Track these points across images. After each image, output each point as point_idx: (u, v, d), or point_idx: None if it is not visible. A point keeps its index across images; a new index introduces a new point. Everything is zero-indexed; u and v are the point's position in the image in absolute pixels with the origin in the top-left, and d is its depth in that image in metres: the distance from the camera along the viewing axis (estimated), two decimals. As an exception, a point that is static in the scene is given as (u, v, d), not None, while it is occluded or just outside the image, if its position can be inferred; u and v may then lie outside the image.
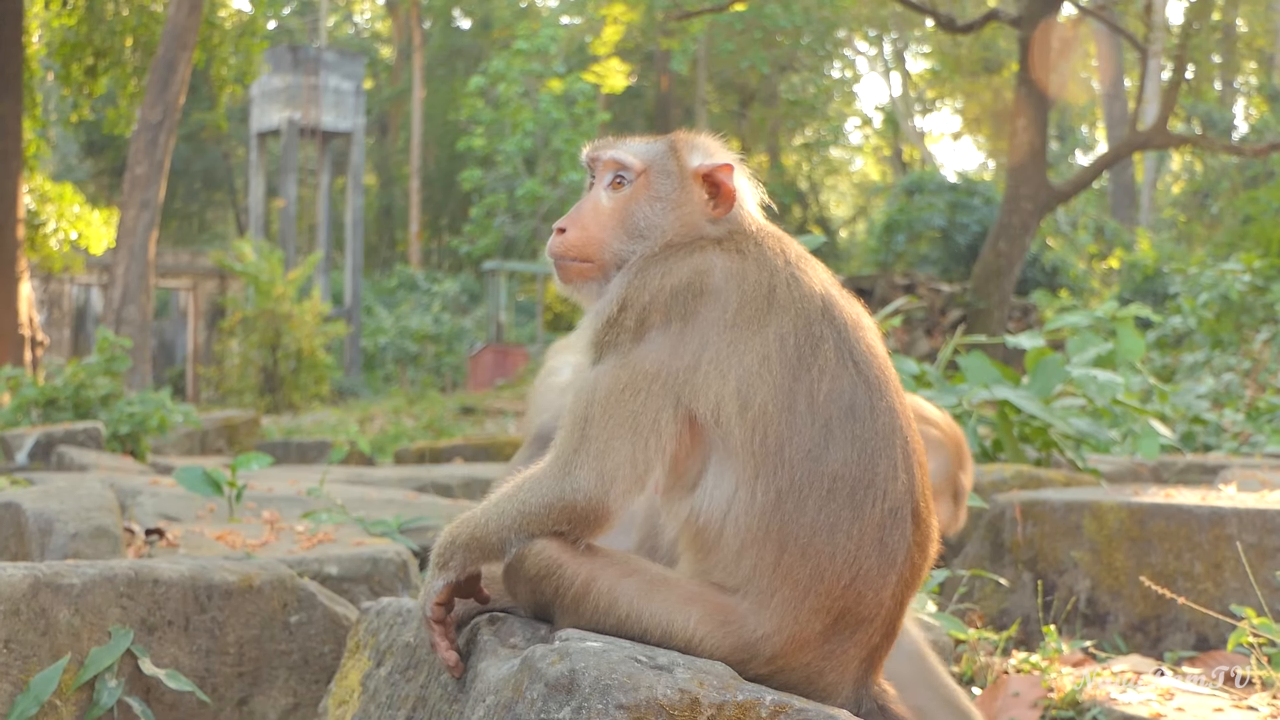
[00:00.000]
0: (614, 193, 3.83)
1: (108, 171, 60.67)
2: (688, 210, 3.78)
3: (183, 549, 6.89)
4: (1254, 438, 17.54)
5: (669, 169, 3.83)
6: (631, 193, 3.81)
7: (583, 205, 3.86)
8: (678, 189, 3.80)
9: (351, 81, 50.57)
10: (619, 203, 3.81)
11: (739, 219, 3.80)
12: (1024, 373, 10.31)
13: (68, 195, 26.51)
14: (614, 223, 3.79)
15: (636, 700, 3.12)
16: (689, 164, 3.83)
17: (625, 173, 3.83)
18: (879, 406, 3.52)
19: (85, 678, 4.84)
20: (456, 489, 11.99)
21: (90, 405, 17.87)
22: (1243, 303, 29.36)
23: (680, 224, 3.76)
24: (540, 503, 3.54)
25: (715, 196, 3.80)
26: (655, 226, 3.77)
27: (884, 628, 3.55)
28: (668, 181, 3.81)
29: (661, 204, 3.79)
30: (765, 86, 64.67)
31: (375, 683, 4.18)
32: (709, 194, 3.80)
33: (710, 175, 3.81)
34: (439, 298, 55.66)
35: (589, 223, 3.81)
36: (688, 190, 3.80)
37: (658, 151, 3.87)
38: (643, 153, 3.86)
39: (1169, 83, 34.24)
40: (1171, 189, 69.02)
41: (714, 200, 3.79)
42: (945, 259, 43.81)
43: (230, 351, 43.59)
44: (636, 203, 3.80)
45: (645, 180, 3.82)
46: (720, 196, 3.79)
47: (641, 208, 3.79)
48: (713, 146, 3.90)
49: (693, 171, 3.82)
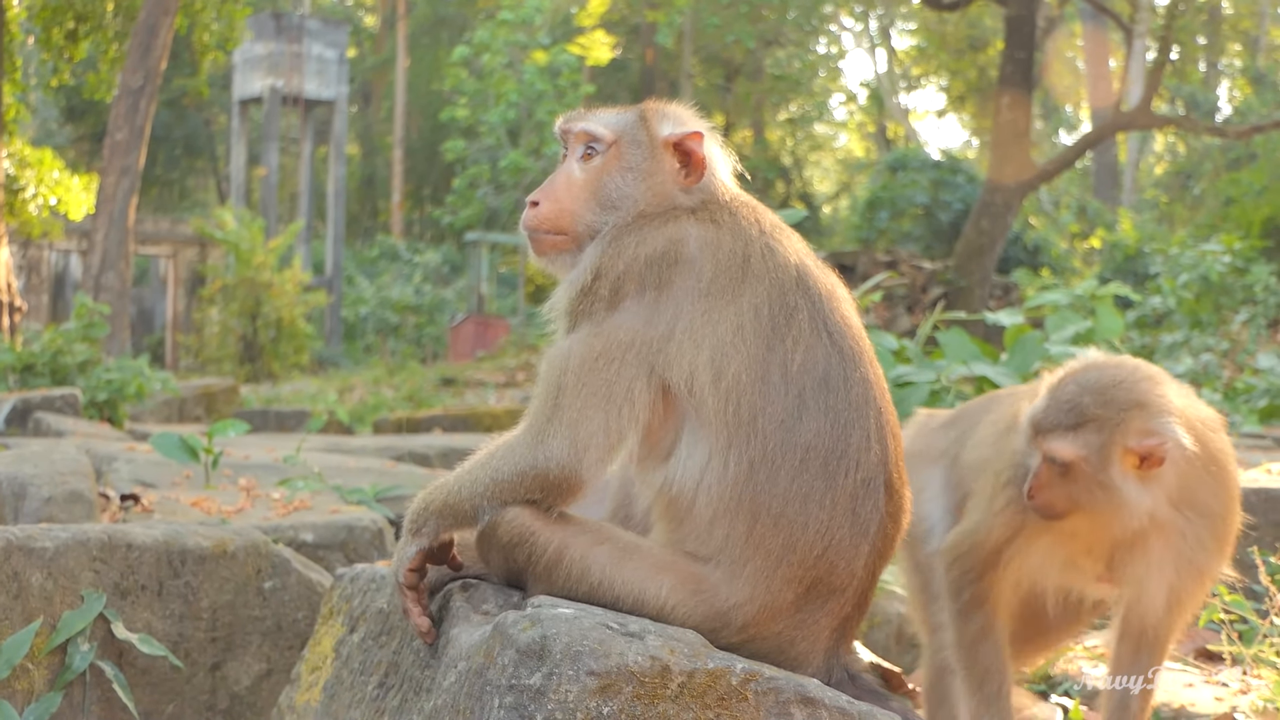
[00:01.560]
0: (586, 164, 3.82)
1: (88, 137, 60.38)
2: (659, 180, 3.78)
3: (158, 514, 6.89)
4: (1231, 418, 17.56)
5: (639, 139, 3.82)
6: (603, 164, 3.80)
7: (555, 178, 3.86)
8: (648, 158, 3.79)
9: (335, 50, 50.40)
10: (591, 174, 3.81)
11: (712, 188, 3.79)
12: (1003, 350, 10.32)
13: (47, 160, 26.36)
14: (586, 194, 3.79)
15: (607, 667, 3.12)
16: (659, 133, 3.82)
17: (596, 144, 3.83)
18: (853, 377, 3.52)
19: (57, 641, 4.84)
20: (435, 459, 12.00)
21: (68, 371, 17.81)
22: (1222, 284, 29.40)
23: (652, 194, 3.76)
24: (513, 471, 3.53)
25: (686, 165, 3.78)
26: (627, 197, 3.76)
27: (856, 598, 3.56)
28: (638, 151, 3.81)
29: (633, 174, 3.78)
30: (750, 61, 64.53)
31: (348, 648, 4.18)
32: (680, 163, 3.79)
33: (681, 144, 3.79)
34: (420, 268, 55.53)
35: (561, 195, 3.81)
36: (658, 159, 3.79)
37: (628, 122, 3.86)
38: (613, 123, 3.85)
39: (1154, 63, 34.26)
40: (1154, 170, 69.09)
41: (685, 169, 3.78)
42: (928, 236, 43.80)
43: (210, 320, 43.46)
44: (608, 173, 3.79)
45: (616, 151, 3.81)
46: (691, 165, 3.78)
47: (613, 178, 3.78)
48: (684, 115, 3.89)
49: (663, 140, 3.81)
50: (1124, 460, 3.99)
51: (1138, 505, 4.03)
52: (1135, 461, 3.99)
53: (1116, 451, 3.99)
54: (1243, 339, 26.58)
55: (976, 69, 62.13)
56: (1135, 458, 3.98)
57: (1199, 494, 4.13)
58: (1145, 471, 4.00)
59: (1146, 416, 3.99)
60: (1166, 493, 4.07)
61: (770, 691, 3.21)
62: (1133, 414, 3.99)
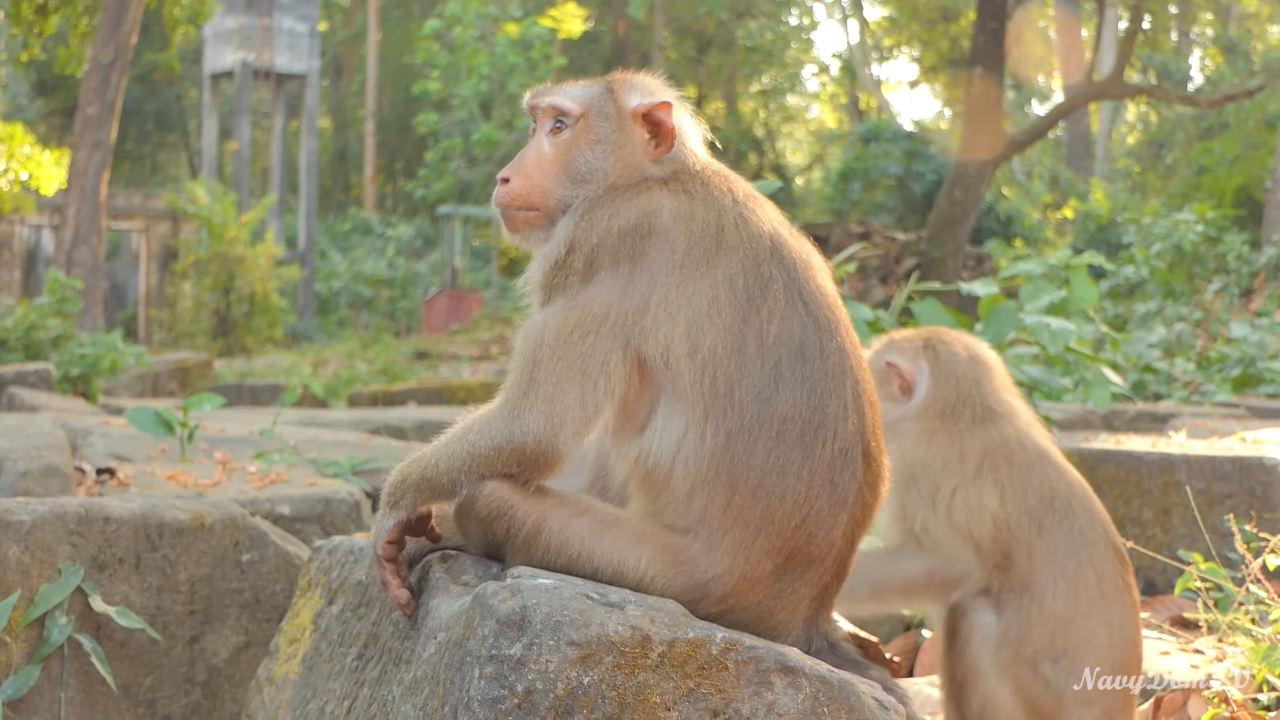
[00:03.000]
0: (555, 138, 3.81)
1: (59, 112, 60.19)
2: (629, 151, 3.76)
3: (134, 488, 6.88)
4: (1204, 387, 17.64)
5: (607, 111, 3.81)
6: (572, 137, 3.79)
7: (525, 153, 3.84)
8: (617, 130, 3.78)
9: (306, 23, 50.24)
10: (560, 148, 3.79)
11: (683, 158, 3.78)
12: (977, 320, 10.33)
13: (18, 135, 26.25)
14: (556, 169, 3.78)
15: (588, 637, 3.13)
16: (627, 104, 3.80)
17: (564, 118, 3.81)
18: (829, 347, 3.53)
19: (35, 615, 4.84)
20: (410, 432, 11.99)
21: (41, 346, 17.79)
22: (1195, 253, 29.51)
23: (622, 165, 3.75)
24: (489, 445, 3.53)
25: (656, 135, 3.77)
26: (597, 170, 3.75)
27: (835, 567, 3.56)
28: (606, 124, 3.79)
29: (602, 146, 3.77)
30: (723, 32, 64.51)
31: (327, 621, 4.19)
32: (650, 133, 3.77)
33: (649, 114, 3.78)
34: (393, 242, 55.47)
35: (532, 170, 3.80)
36: (627, 131, 3.78)
37: (595, 94, 3.84)
38: (580, 96, 3.84)
39: (1125, 33, 34.36)
40: (1126, 139, 69.22)
41: (655, 139, 3.77)
42: (901, 207, 43.91)
43: (183, 294, 43.40)
44: (577, 147, 3.78)
45: (584, 124, 3.80)
46: (661, 135, 3.77)
47: (582, 152, 3.77)
48: (652, 85, 3.88)
49: (631, 111, 3.79)
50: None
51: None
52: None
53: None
54: (1216, 308, 26.70)
55: (949, 40, 62.16)
56: None
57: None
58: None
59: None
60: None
61: (750, 660, 3.22)
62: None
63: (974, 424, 4.36)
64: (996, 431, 4.34)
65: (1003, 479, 4.26)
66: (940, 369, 4.44)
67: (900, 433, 4.42)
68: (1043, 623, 4.16)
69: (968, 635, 4.23)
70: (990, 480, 4.28)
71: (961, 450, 4.30)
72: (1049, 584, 4.18)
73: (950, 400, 4.40)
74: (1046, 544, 4.21)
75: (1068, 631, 4.17)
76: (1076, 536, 4.23)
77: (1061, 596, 4.17)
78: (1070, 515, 4.24)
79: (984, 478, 4.28)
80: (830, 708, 3.24)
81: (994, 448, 4.30)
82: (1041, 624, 4.16)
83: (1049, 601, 4.17)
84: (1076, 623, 4.17)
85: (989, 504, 4.25)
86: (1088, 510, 4.28)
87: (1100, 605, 4.21)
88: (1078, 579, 4.19)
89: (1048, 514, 4.23)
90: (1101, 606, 4.21)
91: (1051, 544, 4.21)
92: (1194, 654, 5.53)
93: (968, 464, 4.29)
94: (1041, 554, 4.19)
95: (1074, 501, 4.27)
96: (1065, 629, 4.17)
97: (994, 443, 4.31)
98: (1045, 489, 4.26)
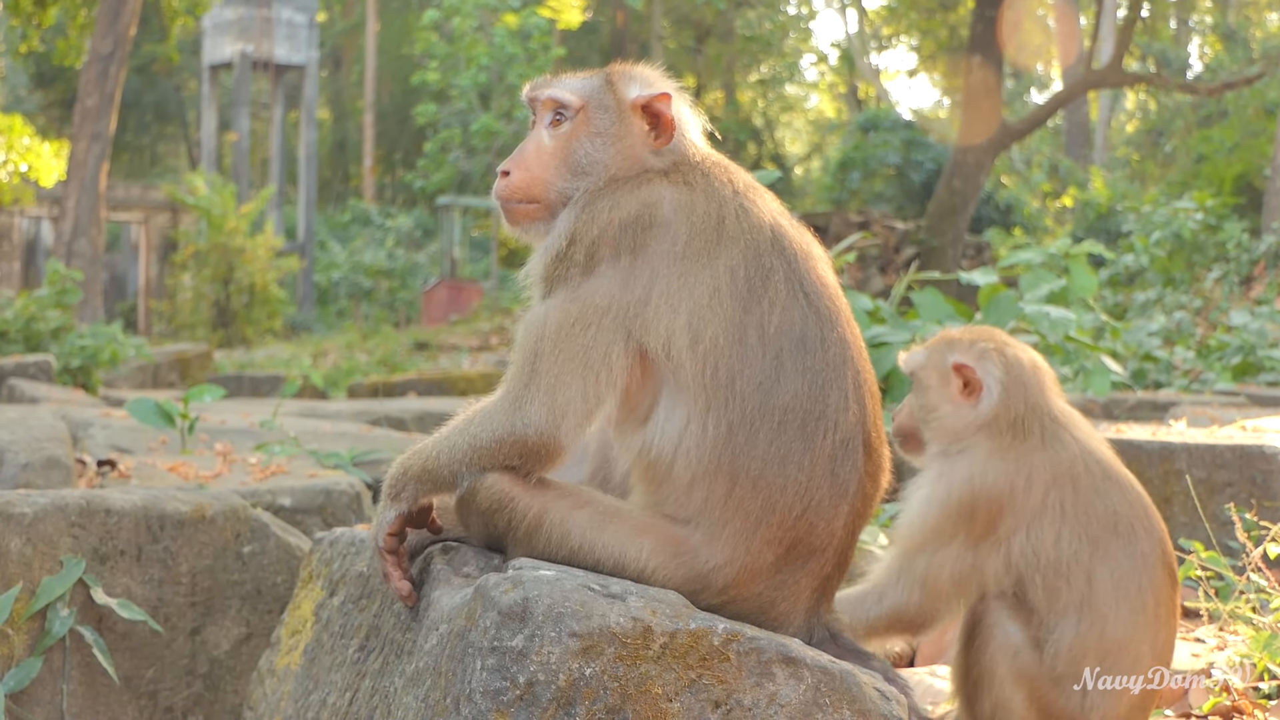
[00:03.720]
0: (555, 131, 3.80)
1: (58, 104, 60.16)
2: (629, 143, 3.76)
3: (135, 480, 6.88)
4: (1204, 375, 17.65)
5: (606, 103, 3.80)
6: (571, 130, 3.78)
7: (525, 146, 3.84)
8: (616, 122, 3.77)
9: (305, 14, 50.22)
10: (560, 141, 3.79)
11: (683, 149, 3.77)
12: (977, 309, 10.32)
13: (17, 127, 26.26)
14: (556, 161, 3.77)
15: (589, 628, 3.13)
16: (626, 96, 3.80)
17: (564, 110, 3.80)
18: (830, 338, 3.53)
19: (37, 607, 4.84)
20: (410, 423, 12.00)
21: (41, 338, 17.80)
22: (1195, 241, 29.49)
23: (623, 158, 3.74)
24: (491, 438, 3.53)
25: (656, 127, 3.76)
26: (597, 162, 3.74)
27: (836, 558, 3.57)
28: (606, 116, 3.79)
29: (602, 139, 3.76)
30: (721, 22, 64.44)
31: (328, 612, 4.19)
32: (649, 125, 3.77)
33: (649, 105, 3.77)
34: (393, 233, 55.47)
35: (532, 163, 3.79)
36: (627, 123, 3.77)
37: (594, 86, 3.83)
38: (579, 89, 3.83)
39: (1124, 21, 34.30)
40: (1125, 128, 69.18)
41: (655, 131, 3.76)
42: (900, 196, 43.87)
43: (182, 285, 43.42)
44: (577, 139, 3.77)
45: (584, 116, 3.79)
46: (661, 127, 3.76)
47: (582, 144, 3.77)
48: (651, 77, 3.86)
49: (630, 103, 3.78)
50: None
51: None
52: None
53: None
54: (1215, 296, 26.70)
55: (947, 28, 62.09)
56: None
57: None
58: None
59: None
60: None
61: (752, 651, 3.22)
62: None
63: (1043, 442, 4.27)
64: (1064, 451, 4.26)
65: (1067, 506, 4.19)
66: (1011, 375, 4.33)
67: (970, 446, 4.30)
68: (1099, 646, 4.12)
69: (987, 637, 4.19)
70: (1053, 513, 4.20)
71: (1029, 474, 4.21)
72: (1111, 608, 4.12)
73: (1020, 410, 4.30)
74: (1110, 569, 4.14)
75: (1120, 654, 4.14)
76: (1139, 561, 4.17)
77: (1123, 622, 4.13)
78: (1134, 539, 4.18)
79: (1045, 513, 4.20)
80: (832, 698, 3.24)
81: (1061, 472, 4.21)
82: (1098, 647, 4.12)
83: (1111, 627, 4.12)
84: (1130, 647, 4.14)
85: (1045, 545, 4.18)
86: (1149, 531, 4.22)
87: (1152, 629, 4.18)
88: (1139, 604, 4.15)
89: (1112, 539, 4.17)
90: (1153, 630, 4.18)
91: (1116, 569, 4.14)
92: (1195, 643, 5.53)
93: (1034, 492, 4.20)
94: (1104, 579, 4.13)
95: (1136, 524, 4.21)
96: (1119, 652, 4.14)
97: (1061, 466, 4.22)
98: (1109, 514, 4.19)
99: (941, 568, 4.19)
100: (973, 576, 4.20)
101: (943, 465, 4.27)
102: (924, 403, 4.34)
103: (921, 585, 4.21)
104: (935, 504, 4.20)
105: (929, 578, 4.21)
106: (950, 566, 4.19)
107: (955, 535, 4.19)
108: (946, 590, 4.20)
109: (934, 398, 4.34)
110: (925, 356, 4.40)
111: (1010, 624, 4.18)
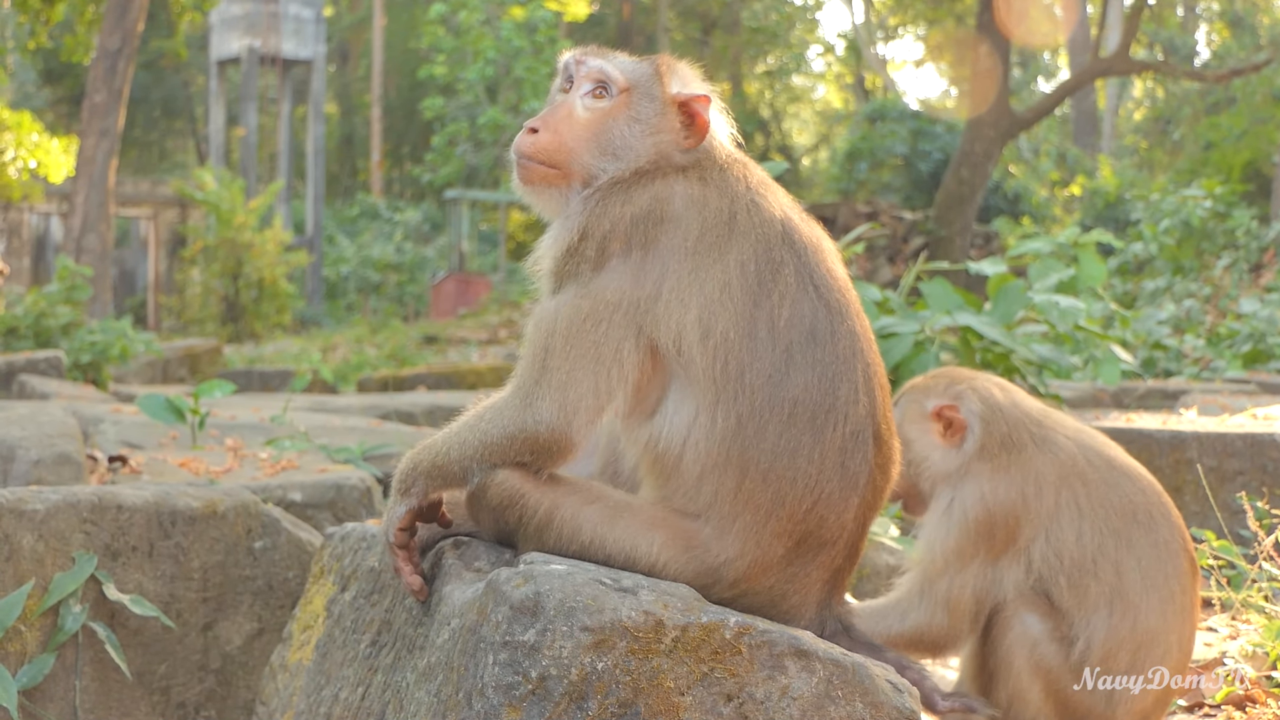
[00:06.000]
0: (594, 103, 3.75)
1: (66, 99, 60.17)
2: (663, 137, 3.72)
3: (146, 476, 6.89)
4: (1214, 363, 17.65)
5: (653, 92, 3.76)
6: (611, 108, 3.74)
7: (558, 110, 3.78)
8: (659, 114, 3.74)
9: (312, 9, 50.21)
10: (597, 115, 3.74)
11: (709, 150, 3.74)
12: (986, 299, 10.32)
13: (26, 123, 26.25)
14: (589, 134, 3.72)
15: (601, 622, 3.13)
16: (669, 90, 3.77)
17: (608, 86, 3.75)
18: (839, 330, 3.52)
19: (49, 603, 4.84)
20: (420, 417, 12.00)
21: (51, 334, 17.83)
22: (1204, 229, 29.46)
23: (654, 149, 3.70)
24: (502, 434, 3.52)
25: (689, 127, 3.73)
26: (630, 148, 3.70)
27: (846, 550, 3.56)
28: (650, 105, 3.75)
29: (640, 126, 3.72)
30: (727, 14, 64.43)
31: (340, 607, 4.19)
32: (683, 123, 3.74)
33: (688, 104, 3.73)
34: (401, 227, 55.47)
35: (563, 129, 3.73)
36: (666, 116, 3.73)
37: (644, 73, 3.79)
38: (629, 70, 3.79)
39: (1131, 8, 34.23)
40: (1133, 115, 69.09)
41: (687, 131, 3.73)
42: (907, 187, 43.84)
43: (191, 280, 43.47)
44: (615, 119, 3.73)
45: (627, 99, 3.75)
46: (694, 127, 3.72)
47: (619, 125, 3.72)
48: (691, 76, 3.84)
49: (672, 97, 3.75)
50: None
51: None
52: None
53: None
54: (1225, 284, 26.67)
55: (954, 18, 62.02)
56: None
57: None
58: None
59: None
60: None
61: (764, 644, 3.22)
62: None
63: (1038, 448, 4.29)
64: (1063, 451, 4.27)
65: (1081, 502, 4.19)
66: (986, 403, 4.37)
67: (972, 475, 4.31)
68: (1132, 638, 4.11)
69: (1004, 628, 4.19)
70: (1069, 513, 4.20)
71: (1037, 480, 4.22)
72: (1142, 598, 4.12)
73: (1004, 430, 4.33)
74: (1137, 558, 4.14)
75: (1152, 645, 4.13)
76: (1163, 549, 4.17)
77: (1154, 612, 4.13)
78: (1154, 526, 4.19)
79: (1061, 513, 4.20)
80: (844, 691, 3.24)
81: (1067, 471, 4.22)
82: (1131, 639, 4.11)
83: (1143, 617, 4.11)
84: (1161, 637, 4.14)
85: (1067, 544, 4.19)
86: (1166, 517, 4.23)
87: (1179, 620, 4.18)
88: (1167, 593, 4.15)
89: (1133, 528, 4.18)
90: (1179, 621, 4.19)
91: (1143, 558, 4.14)
92: (1207, 632, 5.53)
93: (1045, 496, 4.21)
94: (1132, 569, 4.13)
95: (1154, 511, 4.21)
96: (1151, 643, 4.13)
97: (1065, 465, 4.23)
98: (1125, 503, 4.19)
99: (964, 589, 4.22)
100: (994, 590, 4.21)
101: (952, 492, 4.30)
102: (911, 457, 4.38)
103: (945, 606, 4.23)
104: (954, 527, 4.23)
105: (952, 599, 4.23)
106: (973, 586, 4.21)
107: (976, 555, 4.21)
108: (970, 610, 4.23)
109: (920, 448, 4.40)
110: (900, 413, 4.44)
111: (1029, 615, 4.18)
